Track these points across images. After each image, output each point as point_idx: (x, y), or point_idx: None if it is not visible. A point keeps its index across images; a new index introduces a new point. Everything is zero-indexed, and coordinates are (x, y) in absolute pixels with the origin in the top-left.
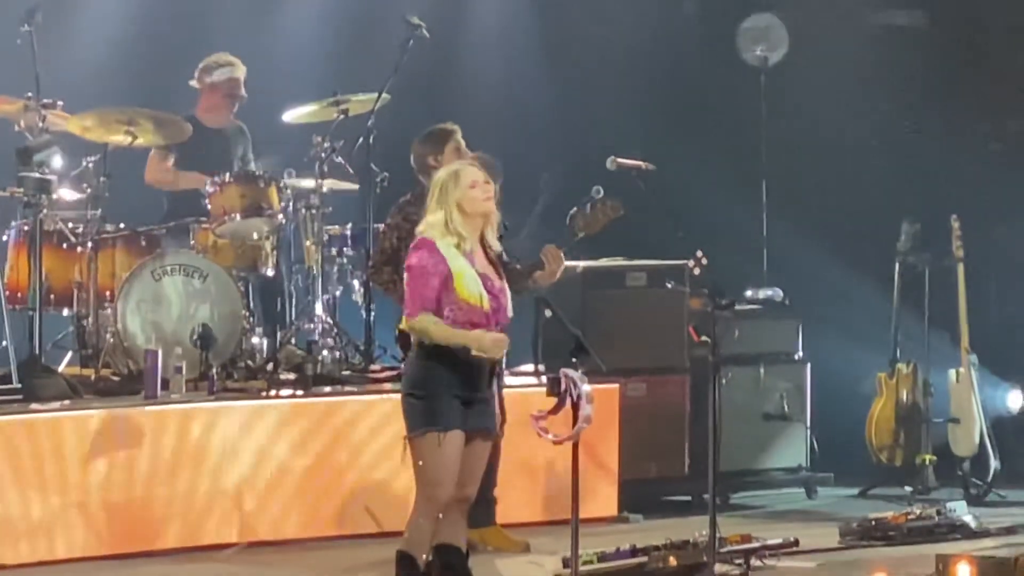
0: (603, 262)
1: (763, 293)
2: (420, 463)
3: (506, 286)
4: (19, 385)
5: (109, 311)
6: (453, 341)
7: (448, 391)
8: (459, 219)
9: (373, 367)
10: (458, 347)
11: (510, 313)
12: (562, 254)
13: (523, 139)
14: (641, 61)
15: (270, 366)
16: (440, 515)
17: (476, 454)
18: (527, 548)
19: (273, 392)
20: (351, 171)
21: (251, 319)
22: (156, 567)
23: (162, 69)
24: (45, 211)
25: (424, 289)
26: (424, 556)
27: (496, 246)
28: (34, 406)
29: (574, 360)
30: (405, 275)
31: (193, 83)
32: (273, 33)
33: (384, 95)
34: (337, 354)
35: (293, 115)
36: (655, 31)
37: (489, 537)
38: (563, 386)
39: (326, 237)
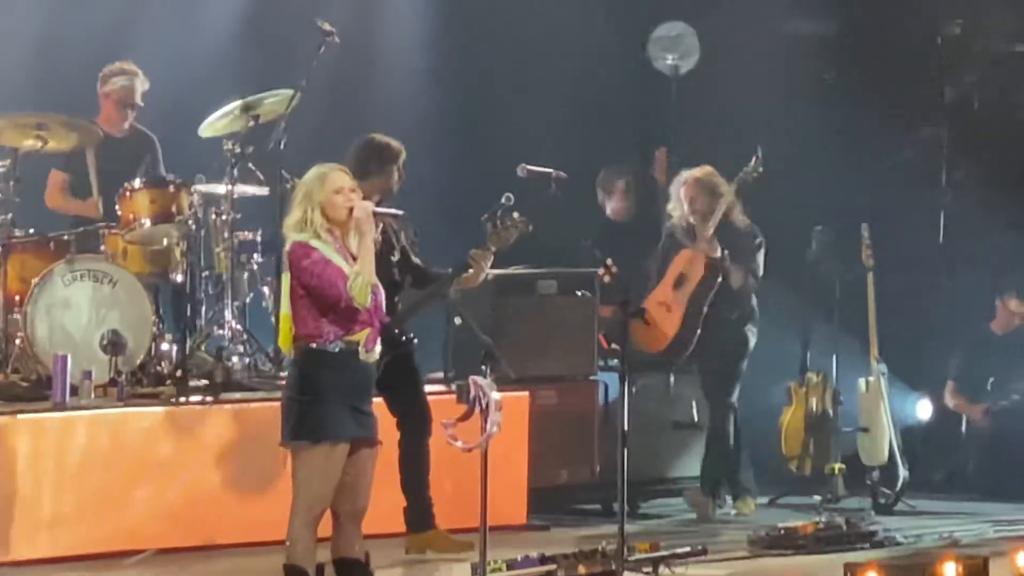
0: (513, 270)
1: None
2: (305, 474)
3: (379, 285)
4: None
5: (18, 316)
6: (370, 257)
7: (339, 397)
8: (320, 221)
9: (283, 374)
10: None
11: (384, 311)
12: (490, 254)
13: (432, 145)
14: (552, 69)
15: (179, 372)
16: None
17: (363, 465)
18: (472, 547)
19: (182, 398)
20: (261, 177)
21: (161, 325)
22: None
23: (72, 75)
24: None
25: (331, 271)
26: (313, 566)
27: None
28: None
29: (484, 367)
30: (308, 275)
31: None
32: (187, 40)
33: (295, 100)
34: (247, 360)
35: (207, 128)
36: (567, 39)
37: (432, 541)
38: (472, 393)
39: (236, 243)
